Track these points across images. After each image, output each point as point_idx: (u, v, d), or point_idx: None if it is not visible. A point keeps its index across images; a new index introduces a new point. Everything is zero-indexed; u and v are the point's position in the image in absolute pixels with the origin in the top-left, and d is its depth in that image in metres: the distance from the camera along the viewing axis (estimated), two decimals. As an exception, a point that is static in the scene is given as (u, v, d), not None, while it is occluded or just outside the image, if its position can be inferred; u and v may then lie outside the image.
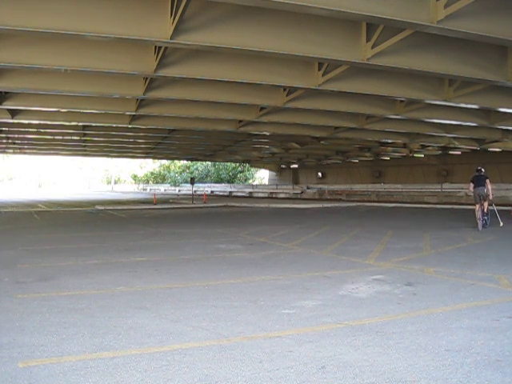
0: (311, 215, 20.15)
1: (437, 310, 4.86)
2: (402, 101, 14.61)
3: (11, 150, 37.73)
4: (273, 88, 12.93)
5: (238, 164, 57.21)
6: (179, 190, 56.60)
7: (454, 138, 22.59)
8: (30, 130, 22.30)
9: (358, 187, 37.45)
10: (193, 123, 19.07)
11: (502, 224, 13.32)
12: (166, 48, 9.13)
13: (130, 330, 4.26)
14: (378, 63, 9.27)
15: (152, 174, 73.96)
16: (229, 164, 58.17)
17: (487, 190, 12.62)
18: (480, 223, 12.74)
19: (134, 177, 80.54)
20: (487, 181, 12.82)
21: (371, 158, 36.11)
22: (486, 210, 12.97)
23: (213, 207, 27.03)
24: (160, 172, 70.92)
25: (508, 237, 11.31)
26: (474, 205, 13.25)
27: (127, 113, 16.13)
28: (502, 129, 19.84)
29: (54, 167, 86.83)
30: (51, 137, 25.62)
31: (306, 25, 8.62)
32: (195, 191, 35.59)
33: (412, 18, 7.35)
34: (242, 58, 10.33)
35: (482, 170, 13.24)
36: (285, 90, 13.24)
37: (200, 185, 52.41)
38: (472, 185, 12.99)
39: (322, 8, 6.81)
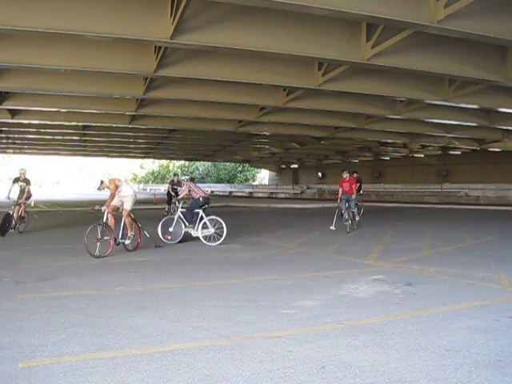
0: (311, 215, 20.14)
1: (437, 310, 4.86)
2: (402, 101, 14.59)
3: (11, 150, 37.69)
4: (273, 88, 12.91)
5: (237, 164, 57.16)
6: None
7: (454, 138, 22.57)
8: (30, 129, 22.28)
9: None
10: (193, 123, 19.06)
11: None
12: (166, 48, 9.12)
13: (130, 330, 4.26)
14: (378, 63, 9.26)
15: (152, 173, 73.89)
16: (229, 164, 58.11)
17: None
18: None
19: (135, 177, 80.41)
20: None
21: (371, 158, 36.07)
22: None
23: (213, 207, 26.96)
24: (160, 172, 70.76)
25: (508, 237, 11.31)
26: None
27: (127, 113, 16.12)
28: (502, 129, 19.80)
29: (54, 167, 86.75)
30: (51, 137, 25.59)
31: (306, 25, 8.61)
32: (195, 191, 35.49)
33: (412, 18, 7.35)
34: (242, 58, 10.32)
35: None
36: (285, 90, 13.22)
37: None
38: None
39: (322, 8, 6.81)
